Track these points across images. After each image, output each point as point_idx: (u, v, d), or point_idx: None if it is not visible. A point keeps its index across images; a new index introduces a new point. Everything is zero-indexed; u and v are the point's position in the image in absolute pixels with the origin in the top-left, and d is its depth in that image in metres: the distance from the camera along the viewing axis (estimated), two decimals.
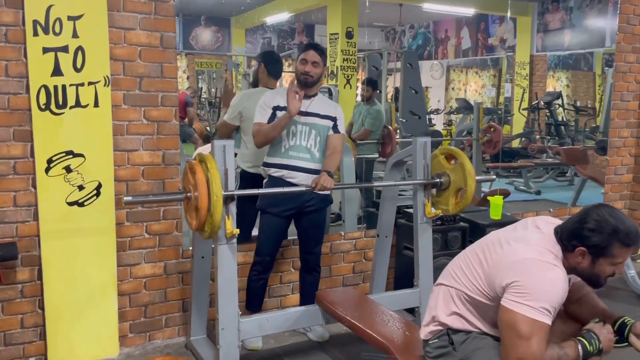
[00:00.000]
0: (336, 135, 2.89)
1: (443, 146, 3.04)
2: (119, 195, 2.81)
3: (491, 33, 12.43)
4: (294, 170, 2.81)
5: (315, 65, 2.81)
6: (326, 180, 2.64)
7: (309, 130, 2.84)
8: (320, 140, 2.86)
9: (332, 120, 2.89)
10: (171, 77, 2.88)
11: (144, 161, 2.87)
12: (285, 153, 2.82)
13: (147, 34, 2.79)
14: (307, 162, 2.83)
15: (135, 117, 2.82)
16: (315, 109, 2.85)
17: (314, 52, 2.81)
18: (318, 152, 2.86)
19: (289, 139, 2.83)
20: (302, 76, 2.81)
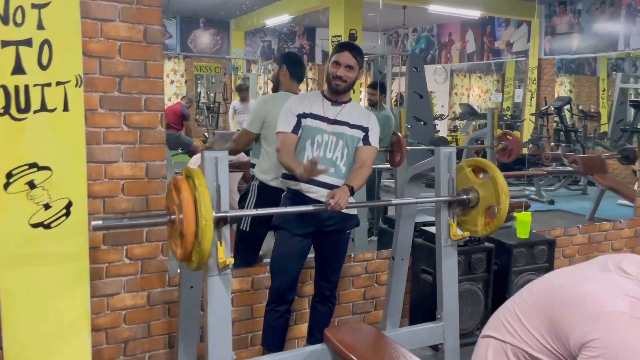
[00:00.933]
0: (366, 147, 2.55)
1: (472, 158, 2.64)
2: (94, 214, 2.41)
3: (497, 36, 12.08)
4: (314, 185, 2.46)
5: (349, 69, 2.47)
6: (342, 196, 2.24)
7: (336, 141, 2.51)
8: (348, 153, 2.52)
9: (363, 130, 2.55)
10: (156, 77, 2.48)
11: (123, 174, 2.47)
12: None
13: (128, 26, 2.40)
14: (330, 177, 2.48)
15: (114, 123, 2.42)
16: (346, 117, 2.53)
17: (349, 54, 2.46)
18: (344, 167, 2.52)
19: (312, 149, 2.49)
20: (334, 81, 2.49)
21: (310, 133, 2.48)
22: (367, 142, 2.56)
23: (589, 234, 3.94)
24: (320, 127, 2.48)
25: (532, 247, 3.28)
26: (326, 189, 2.43)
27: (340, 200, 2.22)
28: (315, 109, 2.50)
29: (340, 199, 2.22)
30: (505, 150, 5.40)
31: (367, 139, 2.56)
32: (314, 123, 2.48)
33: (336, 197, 2.22)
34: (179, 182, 1.91)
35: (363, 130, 2.55)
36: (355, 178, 2.43)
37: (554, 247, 3.39)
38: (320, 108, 2.51)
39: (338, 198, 2.21)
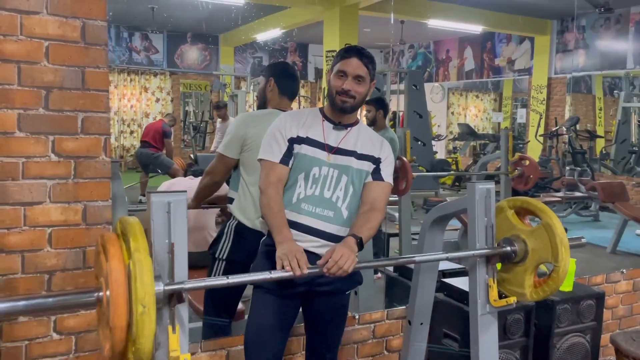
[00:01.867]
0: (378, 184, 1.90)
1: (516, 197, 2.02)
2: (7, 275, 1.76)
3: (498, 53, 11.62)
4: (305, 232, 1.81)
5: (359, 81, 1.82)
6: (346, 255, 1.60)
7: (338, 176, 1.85)
8: (354, 192, 1.87)
9: (374, 162, 1.91)
10: (99, 89, 1.86)
11: (51, 220, 1.83)
12: (296, 205, 1.82)
13: (59, 21, 1.78)
14: (327, 223, 1.82)
15: (38, 151, 1.79)
16: (352, 144, 1.88)
17: (359, 61, 1.81)
18: (347, 210, 1.85)
19: (306, 185, 1.83)
20: (338, 97, 1.82)
21: (304, 164, 1.83)
22: (379, 176, 1.91)
23: (634, 280, 3.33)
24: (319, 157, 1.83)
25: (577, 302, 2.66)
26: (322, 239, 1.81)
27: (342, 262, 1.58)
28: (313, 132, 1.86)
29: (342, 259, 1.58)
30: (522, 177, 4.81)
31: (379, 172, 1.91)
32: (311, 151, 1.84)
33: (336, 255, 1.59)
34: (106, 243, 1.27)
35: (374, 162, 1.91)
36: (365, 225, 1.79)
37: (603, 301, 2.78)
38: (319, 131, 1.86)
39: (339, 258, 1.58)
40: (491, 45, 11.59)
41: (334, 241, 1.78)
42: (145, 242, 1.25)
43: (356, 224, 1.80)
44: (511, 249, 1.92)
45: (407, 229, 4.47)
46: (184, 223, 1.44)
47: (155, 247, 1.41)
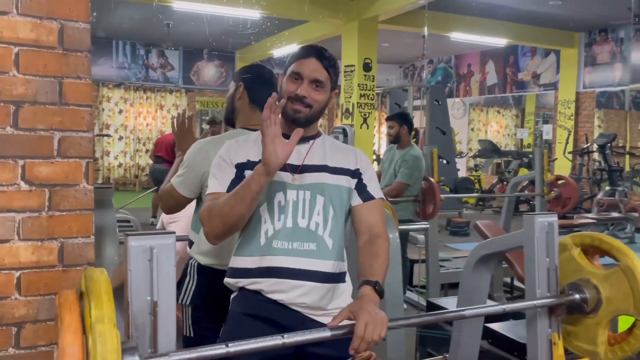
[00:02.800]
0: (369, 205, 1.52)
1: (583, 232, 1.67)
2: None
3: (521, 67, 11.23)
4: (287, 277, 1.42)
5: (317, 86, 1.47)
6: (370, 322, 1.22)
7: (312, 198, 1.47)
8: (335, 215, 1.49)
9: (353, 176, 1.53)
10: (79, 103, 1.56)
11: (21, 261, 1.51)
12: (266, 245, 1.44)
13: (32, 22, 1.49)
14: (311, 259, 1.44)
15: (5, 179, 1.49)
16: (319, 157, 1.52)
17: (318, 62, 1.47)
18: (331, 239, 1.47)
19: (272, 218, 1.45)
20: (290, 105, 1.46)
21: (265, 192, 1.43)
22: (367, 195, 1.53)
23: None
24: (281, 180, 1.47)
25: None
26: (310, 280, 1.42)
27: (370, 334, 1.21)
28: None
29: (369, 330, 1.20)
30: (560, 199, 4.44)
31: (365, 189, 1.54)
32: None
33: (359, 330, 1.20)
34: (62, 307, 0.95)
35: (352, 176, 1.53)
36: (375, 263, 1.40)
37: None
38: None
39: (363, 331, 1.20)
40: (514, 59, 11.22)
41: (319, 281, 1.43)
42: (111, 306, 0.93)
43: (363, 264, 1.42)
44: (580, 297, 1.56)
45: (435, 255, 4.10)
46: (171, 275, 1.11)
47: (132, 306, 1.09)
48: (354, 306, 1.27)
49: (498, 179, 10.08)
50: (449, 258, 5.33)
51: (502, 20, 8.74)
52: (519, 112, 15.25)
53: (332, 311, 1.41)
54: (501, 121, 15.36)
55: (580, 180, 8.32)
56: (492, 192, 9.47)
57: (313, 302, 1.41)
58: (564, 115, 9.73)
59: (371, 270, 1.38)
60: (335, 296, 1.47)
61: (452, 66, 12.83)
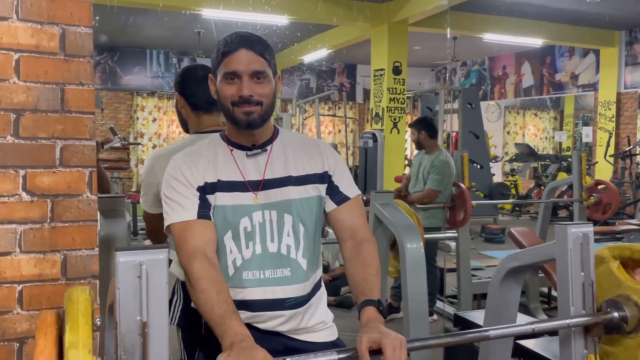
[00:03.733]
0: (346, 206, 1.38)
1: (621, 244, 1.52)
2: None
3: (559, 68, 10.88)
4: (263, 310, 1.30)
5: (259, 79, 1.28)
6: (398, 342, 1.10)
7: (279, 218, 1.32)
8: (307, 232, 1.35)
9: (321, 180, 1.38)
10: (82, 110, 1.51)
11: (22, 274, 1.47)
12: (236, 276, 1.31)
13: (33, 28, 1.45)
14: (287, 286, 1.31)
15: (6, 189, 1.45)
16: (281, 167, 1.35)
17: (249, 51, 1.27)
18: (305, 257, 1.34)
19: (239, 246, 1.31)
20: (238, 110, 1.28)
21: (226, 219, 1.30)
22: (342, 196, 1.38)
23: None
24: (244, 203, 1.31)
25: None
26: (286, 309, 1.31)
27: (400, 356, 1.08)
28: (223, 170, 1.33)
29: (397, 350, 1.09)
30: (599, 205, 4.21)
31: (338, 191, 1.38)
32: (231, 198, 1.31)
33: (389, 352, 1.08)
34: (38, 330, 0.88)
35: (322, 180, 1.37)
36: (369, 276, 1.28)
37: None
38: (231, 166, 1.33)
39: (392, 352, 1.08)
40: (551, 59, 10.88)
41: (298, 306, 1.32)
42: (87, 330, 0.85)
43: (356, 278, 1.29)
44: (619, 315, 1.42)
45: (466, 264, 3.93)
46: (162, 294, 1.03)
47: (121, 326, 1.01)
48: (370, 333, 1.15)
49: (535, 184, 9.76)
50: (482, 267, 5.13)
51: (537, 19, 8.47)
52: (557, 114, 14.80)
53: (315, 330, 1.36)
54: (538, 124, 14.94)
55: (622, 184, 7.96)
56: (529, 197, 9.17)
57: (293, 327, 1.32)
58: (604, 116, 9.35)
59: (367, 285, 1.26)
60: (314, 311, 1.37)
61: (486, 68, 12.55)
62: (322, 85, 12.74)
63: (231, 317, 1.13)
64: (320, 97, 9.13)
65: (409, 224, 2.25)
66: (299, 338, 1.35)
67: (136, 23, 8.81)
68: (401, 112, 7.76)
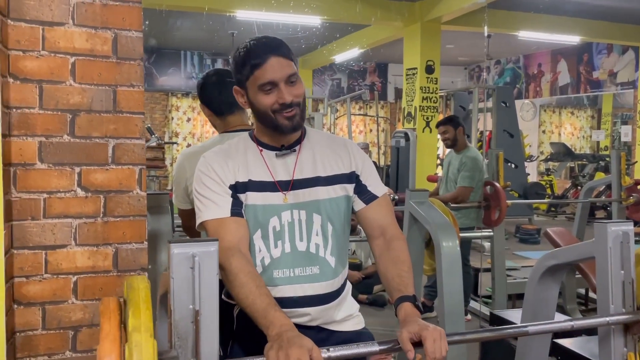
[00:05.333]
0: (374, 205, 1.42)
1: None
2: (26, 331, 1.50)
3: (596, 65, 10.64)
4: (292, 307, 1.33)
5: (292, 82, 1.31)
6: (438, 334, 1.14)
7: (308, 218, 1.36)
8: (335, 230, 1.38)
9: (349, 180, 1.40)
10: (133, 111, 1.58)
11: (77, 266, 1.55)
12: (266, 275, 1.34)
13: (87, 32, 1.53)
14: (315, 284, 1.35)
15: (63, 185, 1.53)
16: (309, 168, 1.38)
17: (278, 57, 1.30)
18: (333, 256, 1.38)
19: (268, 246, 1.34)
20: (282, 116, 1.31)
21: (257, 218, 1.34)
22: (370, 195, 1.41)
23: None
24: (274, 203, 1.34)
25: None
26: (314, 306, 1.35)
27: (441, 348, 1.12)
28: (254, 170, 1.36)
29: (437, 342, 1.13)
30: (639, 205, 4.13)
31: (366, 190, 1.42)
32: (261, 198, 1.34)
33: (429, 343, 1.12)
34: (102, 316, 0.94)
35: (349, 180, 1.40)
36: (402, 273, 1.31)
37: None
38: (261, 167, 1.36)
39: (433, 343, 1.12)
40: (589, 57, 10.64)
41: (327, 302, 1.36)
42: (149, 315, 0.91)
43: (389, 274, 1.32)
44: None
45: (501, 264, 3.91)
46: (213, 284, 1.08)
47: (175, 314, 1.07)
48: (410, 327, 1.18)
49: (572, 184, 9.57)
50: (517, 267, 5.08)
51: (574, 17, 8.30)
52: (594, 112, 14.46)
53: (343, 321, 1.41)
54: (575, 123, 14.62)
55: None
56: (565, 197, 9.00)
57: (323, 322, 1.37)
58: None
59: (401, 282, 1.30)
60: (341, 307, 1.42)
61: (521, 66, 12.35)
62: (353, 85, 12.75)
63: (274, 309, 1.18)
64: (351, 96, 9.15)
65: (445, 222, 2.26)
66: (329, 328, 1.40)
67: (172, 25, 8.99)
68: (434, 111, 7.72)
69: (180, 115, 12.32)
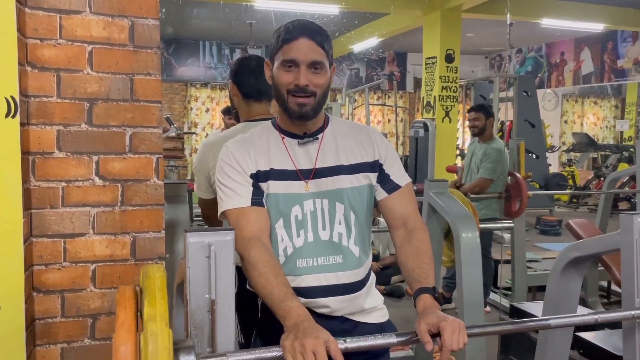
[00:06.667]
0: (398, 194, 1.39)
1: None
2: (45, 318, 1.51)
3: (621, 54, 10.39)
4: (315, 297, 1.32)
5: (315, 69, 1.28)
6: (457, 326, 1.12)
7: (331, 207, 1.34)
8: (357, 220, 1.36)
9: (372, 169, 1.38)
10: (150, 100, 1.58)
11: (96, 254, 1.56)
12: (289, 264, 1.33)
13: (104, 20, 1.52)
14: (338, 273, 1.33)
15: (81, 174, 1.53)
16: (332, 156, 1.36)
17: (310, 40, 1.27)
18: (356, 245, 1.36)
19: (290, 235, 1.32)
20: (292, 99, 1.29)
21: (278, 207, 1.33)
22: (393, 185, 1.39)
23: None
24: (295, 192, 1.33)
25: None
26: (337, 295, 1.33)
27: (458, 339, 1.10)
28: (276, 158, 1.34)
29: (456, 333, 1.11)
30: None
31: (389, 180, 1.39)
32: (283, 187, 1.33)
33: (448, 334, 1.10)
34: (118, 304, 0.94)
35: (373, 169, 1.38)
36: (423, 264, 1.28)
37: None
38: (283, 155, 1.35)
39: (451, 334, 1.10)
40: (613, 45, 10.40)
41: (351, 292, 1.34)
42: (164, 304, 0.90)
43: (409, 265, 1.30)
44: None
45: (522, 256, 3.86)
46: (229, 273, 1.08)
47: (191, 304, 1.06)
48: (428, 318, 1.16)
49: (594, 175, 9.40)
50: (537, 259, 5.01)
51: (598, 4, 8.10)
52: (618, 102, 14.15)
53: (368, 312, 1.39)
54: (598, 112, 14.34)
55: None
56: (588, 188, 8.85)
57: (348, 312, 1.35)
58: None
59: (422, 273, 1.27)
60: (367, 296, 1.39)
61: (543, 55, 12.13)
62: (372, 75, 12.66)
63: (291, 299, 1.16)
64: (369, 86, 9.08)
65: (465, 213, 2.23)
66: (354, 319, 1.38)
67: (191, 15, 9.00)
68: (453, 100, 7.62)
69: (199, 105, 12.36)
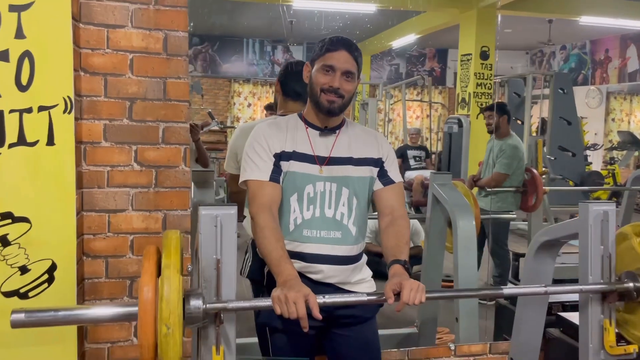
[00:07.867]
0: (390, 188, 1.68)
1: None
2: (92, 278, 1.84)
3: None
4: (313, 262, 1.60)
5: (348, 77, 1.59)
6: (414, 288, 1.38)
7: (338, 190, 1.63)
8: (359, 205, 1.65)
9: (375, 164, 1.68)
10: (179, 99, 1.88)
11: (134, 227, 1.87)
12: (297, 232, 1.62)
13: (143, 33, 1.83)
14: (336, 246, 1.62)
15: (123, 160, 1.85)
16: (344, 149, 1.66)
17: (348, 54, 1.58)
18: (355, 225, 1.65)
19: (302, 208, 1.61)
20: (325, 97, 1.59)
21: (295, 184, 1.61)
22: (388, 179, 1.69)
23: None
24: (311, 173, 1.61)
25: None
26: (332, 264, 1.61)
27: (415, 296, 1.37)
28: (299, 143, 1.63)
29: (414, 291, 1.37)
30: None
31: (386, 175, 1.69)
32: (301, 167, 1.61)
33: (406, 291, 1.37)
34: (144, 257, 1.24)
35: (375, 165, 1.68)
36: (400, 243, 1.56)
37: None
38: (305, 142, 1.64)
39: (409, 292, 1.37)
40: None
41: (343, 264, 1.62)
42: (177, 257, 1.19)
43: (389, 244, 1.57)
44: (634, 285, 1.57)
45: None
46: (232, 239, 1.36)
47: (202, 263, 1.35)
48: (394, 279, 1.43)
49: None
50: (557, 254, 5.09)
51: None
52: None
53: (357, 283, 1.66)
54: None
55: None
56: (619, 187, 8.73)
57: (339, 281, 1.62)
58: None
59: (398, 250, 1.54)
60: (356, 271, 1.66)
61: (587, 52, 11.93)
62: (412, 70, 12.76)
63: (285, 261, 1.45)
64: (406, 82, 9.23)
65: (463, 203, 2.44)
66: (344, 288, 1.65)
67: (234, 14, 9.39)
68: (488, 97, 7.71)
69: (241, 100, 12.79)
